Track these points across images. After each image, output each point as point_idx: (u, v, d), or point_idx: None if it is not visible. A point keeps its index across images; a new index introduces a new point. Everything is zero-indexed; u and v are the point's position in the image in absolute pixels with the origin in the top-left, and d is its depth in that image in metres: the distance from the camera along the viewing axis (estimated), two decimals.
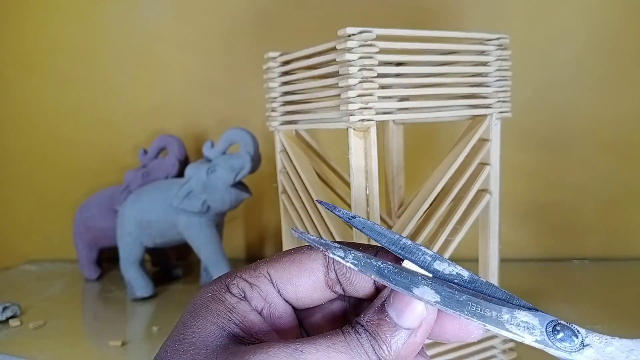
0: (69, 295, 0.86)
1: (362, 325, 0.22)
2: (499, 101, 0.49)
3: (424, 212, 0.47)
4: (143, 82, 1.01)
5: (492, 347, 0.50)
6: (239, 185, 0.78)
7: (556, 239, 0.90)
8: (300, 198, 0.53)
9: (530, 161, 0.89)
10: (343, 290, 0.25)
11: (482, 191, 0.50)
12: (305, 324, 0.27)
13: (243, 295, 0.24)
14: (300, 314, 0.27)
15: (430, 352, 0.46)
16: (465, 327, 0.23)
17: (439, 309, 0.22)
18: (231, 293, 0.24)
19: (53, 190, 1.06)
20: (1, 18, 1.03)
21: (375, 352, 0.22)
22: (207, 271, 0.84)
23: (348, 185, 0.57)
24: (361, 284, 0.25)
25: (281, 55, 0.52)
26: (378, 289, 0.25)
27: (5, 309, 0.73)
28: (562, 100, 0.87)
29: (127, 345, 0.65)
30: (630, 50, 0.84)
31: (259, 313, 0.24)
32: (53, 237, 1.06)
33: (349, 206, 0.51)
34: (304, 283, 0.25)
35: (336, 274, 0.25)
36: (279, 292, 0.25)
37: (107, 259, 0.95)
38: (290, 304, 0.26)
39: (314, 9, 0.92)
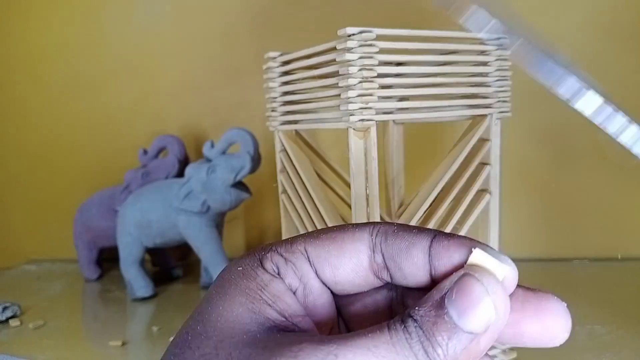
0: (69, 295, 0.86)
1: (415, 321, 0.18)
2: (499, 101, 0.49)
3: (424, 212, 0.47)
4: (143, 82, 1.01)
5: (492, 347, 0.50)
6: (239, 185, 0.78)
7: (556, 239, 0.90)
8: (301, 198, 0.53)
9: (531, 161, 0.89)
10: (390, 277, 0.22)
11: (482, 191, 0.50)
12: (344, 313, 0.24)
13: (277, 271, 0.21)
14: (339, 300, 0.23)
15: None
16: (549, 330, 0.20)
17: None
18: (264, 269, 0.21)
19: (53, 190, 1.06)
20: (1, 18, 1.03)
21: (428, 356, 0.18)
22: (207, 271, 0.84)
23: (348, 185, 0.57)
24: (412, 270, 0.21)
25: (281, 55, 0.52)
26: (433, 280, 0.21)
27: (5, 309, 0.73)
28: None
29: (127, 345, 0.65)
30: (630, 50, 0.84)
31: (293, 293, 0.22)
32: (53, 237, 1.06)
33: (349, 206, 0.51)
34: (345, 265, 0.22)
35: (383, 258, 0.21)
36: (315, 272, 0.22)
37: (107, 259, 0.95)
38: (329, 288, 0.22)
39: (314, 9, 0.92)
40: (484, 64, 0.48)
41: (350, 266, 0.22)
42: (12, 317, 0.73)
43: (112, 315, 0.76)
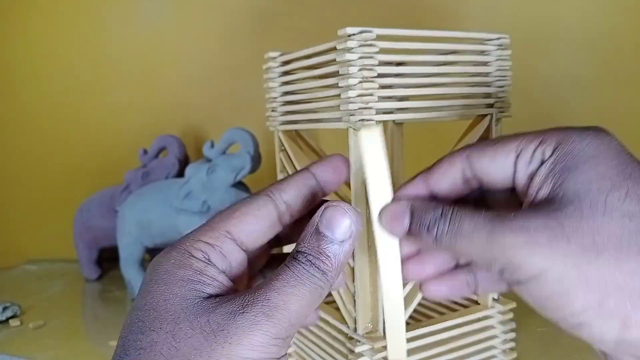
0: (69, 295, 0.86)
1: (304, 253, 0.26)
2: (498, 101, 0.49)
3: None
4: (143, 82, 1.01)
5: (493, 347, 0.50)
6: (239, 185, 0.78)
7: None
8: None
9: None
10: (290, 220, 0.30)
11: None
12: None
13: (207, 258, 0.26)
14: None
15: (429, 352, 0.46)
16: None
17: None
18: (195, 257, 0.26)
19: (53, 190, 1.06)
20: (2, 19, 1.03)
21: (321, 269, 0.25)
22: None
23: (348, 185, 0.57)
24: (298, 202, 0.30)
25: (281, 55, 0.52)
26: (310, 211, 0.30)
27: (5, 309, 0.73)
28: (562, 100, 0.87)
29: None
30: (631, 49, 0.84)
31: (223, 272, 0.26)
32: (53, 237, 1.06)
33: None
34: (262, 229, 0.28)
35: (285, 202, 0.29)
36: (239, 247, 0.27)
37: (107, 259, 0.95)
38: (244, 251, 0.28)
39: (314, 8, 0.92)
40: (484, 63, 0.48)
41: (267, 226, 0.29)
42: (12, 317, 0.74)
43: (112, 315, 0.76)
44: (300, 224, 0.30)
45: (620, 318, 0.22)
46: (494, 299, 0.50)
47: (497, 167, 0.28)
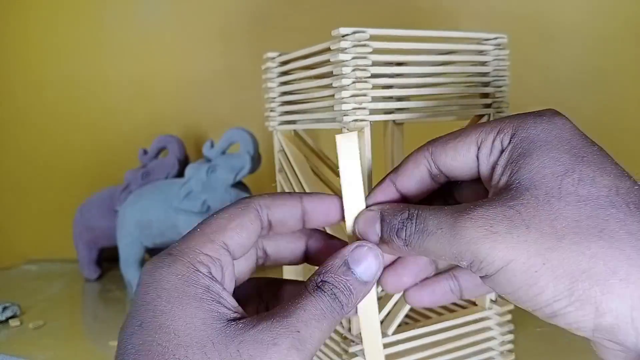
0: (69, 295, 0.86)
1: (330, 285, 0.26)
2: (496, 101, 0.49)
3: None
4: (143, 83, 1.01)
5: (490, 349, 0.50)
6: (239, 185, 0.78)
7: None
8: None
9: None
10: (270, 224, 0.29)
11: None
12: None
13: (210, 273, 0.25)
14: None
15: (426, 353, 0.46)
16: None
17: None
18: (202, 273, 0.25)
19: (53, 190, 1.06)
20: (1, 18, 1.03)
21: (342, 304, 0.26)
22: None
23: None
24: (289, 224, 0.30)
25: (280, 55, 0.52)
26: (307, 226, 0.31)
27: (5, 309, 0.74)
28: (561, 99, 0.87)
29: None
30: (630, 49, 0.84)
31: (225, 289, 0.26)
32: (53, 237, 1.06)
33: None
34: (249, 244, 0.28)
35: (269, 220, 0.29)
36: (232, 260, 0.27)
37: (107, 259, 0.95)
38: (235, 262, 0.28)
39: (314, 8, 0.92)
40: (482, 63, 0.47)
41: (253, 237, 0.28)
42: (12, 317, 0.74)
43: (112, 315, 0.76)
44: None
45: (592, 305, 0.22)
46: (491, 300, 0.50)
47: (461, 162, 0.28)
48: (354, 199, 0.30)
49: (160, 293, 0.23)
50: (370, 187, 0.43)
